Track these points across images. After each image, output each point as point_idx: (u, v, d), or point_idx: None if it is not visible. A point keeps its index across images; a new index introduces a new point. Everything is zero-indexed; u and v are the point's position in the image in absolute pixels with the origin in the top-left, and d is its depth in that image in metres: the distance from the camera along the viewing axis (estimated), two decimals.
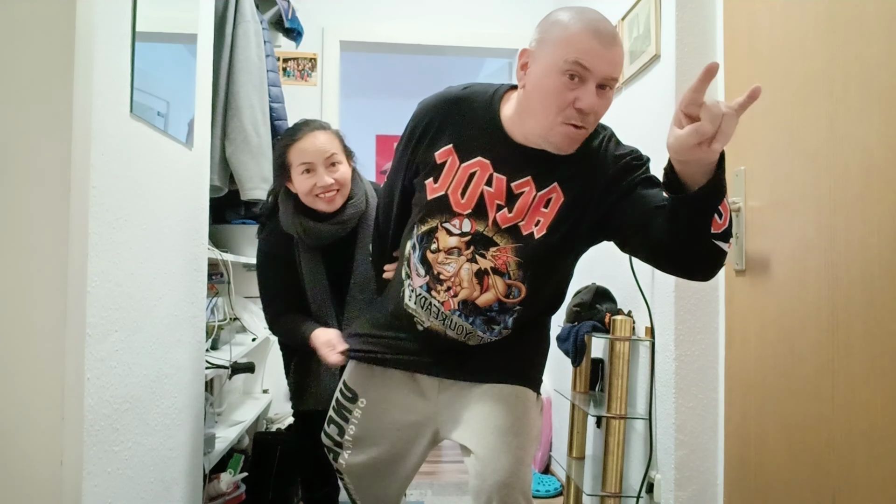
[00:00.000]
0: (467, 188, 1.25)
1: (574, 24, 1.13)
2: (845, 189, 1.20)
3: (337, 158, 1.68)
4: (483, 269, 1.25)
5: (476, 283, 1.26)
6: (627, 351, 1.88)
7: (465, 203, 1.25)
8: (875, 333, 1.12)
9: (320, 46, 3.13)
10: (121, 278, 1.25)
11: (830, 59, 1.25)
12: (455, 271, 1.27)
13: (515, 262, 1.24)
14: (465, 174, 1.25)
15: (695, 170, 1.05)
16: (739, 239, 1.54)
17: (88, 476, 1.13)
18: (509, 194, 1.23)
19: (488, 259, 1.25)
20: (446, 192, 1.26)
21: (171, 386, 1.54)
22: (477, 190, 1.24)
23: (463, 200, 1.25)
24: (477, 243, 1.25)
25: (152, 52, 1.39)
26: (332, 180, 1.65)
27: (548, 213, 1.22)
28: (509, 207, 1.23)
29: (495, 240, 1.24)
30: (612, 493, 1.83)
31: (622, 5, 2.15)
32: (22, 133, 1.03)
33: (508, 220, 1.23)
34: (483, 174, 1.24)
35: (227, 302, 2.41)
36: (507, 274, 1.25)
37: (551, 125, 1.15)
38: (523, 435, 1.28)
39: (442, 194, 1.27)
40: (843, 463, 1.19)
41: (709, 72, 0.94)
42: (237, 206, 2.37)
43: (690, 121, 0.98)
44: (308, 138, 1.67)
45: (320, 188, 1.65)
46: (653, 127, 1.90)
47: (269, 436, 2.50)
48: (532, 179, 1.22)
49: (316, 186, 1.64)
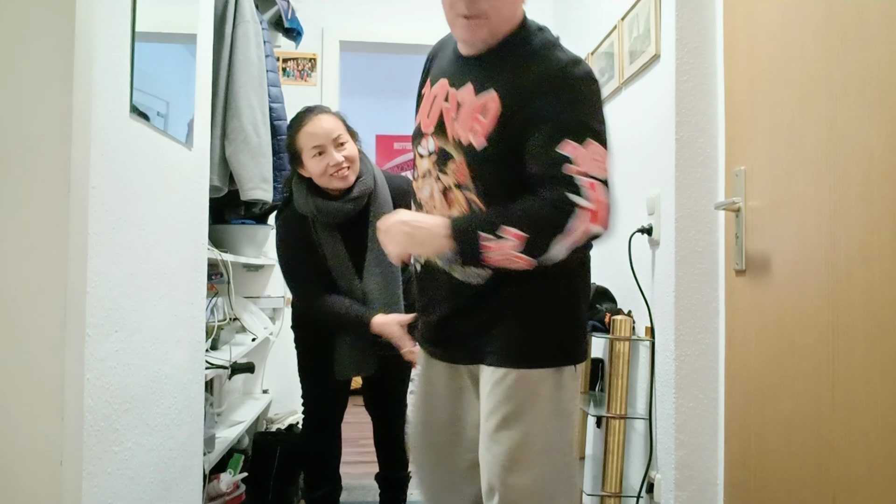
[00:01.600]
0: (431, 108, 1.30)
1: None
2: (845, 189, 1.20)
3: (344, 138, 1.78)
4: (447, 186, 1.24)
5: (444, 201, 1.25)
6: (627, 351, 1.88)
7: (429, 121, 1.29)
8: (875, 333, 1.12)
9: (320, 46, 3.13)
10: (121, 278, 1.25)
11: (830, 59, 1.25)
12: (429, 194, 1.28)
13: (469, 176, 1.21)
14: (430, 97, 1.31)
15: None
16: (739, 239, 1.54)
17: (88, 476, 1.13)
18: (458, 106, 1.24)
19: (449, 175, 1.24)
20: (419, 118, 1.33)
21: (170, 386, 1.54)
22: (438, 107, 1.27)
23: (427, 119, 1.30)
24: (440, 160, 1.26)
25: (152, 52, 1.39)
26: (343, 158, 1.75)
27: (485, 122, 1.19)
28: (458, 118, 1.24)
29: (451, 153, 1.23)
30: (612, 493, 1.83)
31: (622, 5, 2.15)
32: (22, 133, 1.03)
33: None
34: (442, 92, 1.28)
35: (227, 302, 2.41)
36: (467, 187, 1.22)
37: (452, 23, 1.22)
38: (518, 427, 1.18)
39: (417, 123, 1.33)
40: (843, 463, 1.19)
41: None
42: (237, 206, 2.36)
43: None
44: (314, 122, 1.77)
45: (333, 167, 1.74)
46: (652, 127, 1.90)
47: (269, 436, 2.50)
48: (472, 86, 1.22)
49: (329, 166, 1.74)
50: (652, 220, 1.87)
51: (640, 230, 1.89)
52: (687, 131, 1.75)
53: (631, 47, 2.06)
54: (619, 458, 1.85)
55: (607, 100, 2.29)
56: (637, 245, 1.96)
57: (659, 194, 1.84)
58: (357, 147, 1.83)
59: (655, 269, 1.86)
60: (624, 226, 2.10)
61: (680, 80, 1.75)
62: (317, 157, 1.74)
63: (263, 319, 2.76)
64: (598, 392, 2.15)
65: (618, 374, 1.86)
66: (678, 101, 1.75)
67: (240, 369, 2.24)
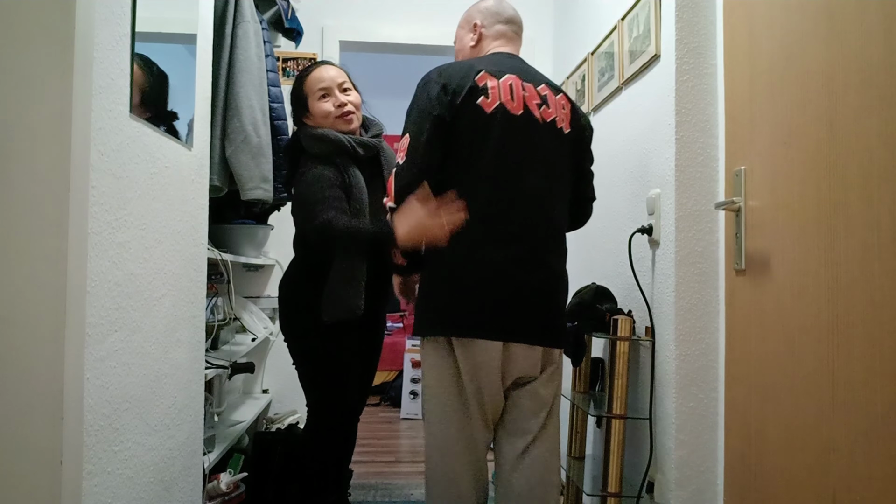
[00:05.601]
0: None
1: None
2: (845, 189, 1.20)
3: (348, 85, 1.88)
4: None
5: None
6: (627, 351, 1.88)
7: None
8: (875, 333, 1.12)
9: (320, 46, 3.13)
10: (121, 278, 1.25)
11: (830, 59, 1.24)
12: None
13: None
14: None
15: None
16: (739, 239, 1.54)
17: (88, 476, 1.13)
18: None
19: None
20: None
21: (170, 386, 1.54)
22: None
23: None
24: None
25: (152, 52, 1.39)
26: (349, 100, 1.84)
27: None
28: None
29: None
30: (612, 493, 1.83)
31: (622, 5, 2.15)
32: (22, 133, 1.03)
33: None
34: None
35: (227, 302, 2.41)
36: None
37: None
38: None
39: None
40: (843, 463, 1.19)
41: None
42: (237, 206, 2.36)
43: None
44: (321, 69, 1.87)
45: (338, 108, 1.82)
46: (652, 127, 1.90)
47: (269, 436, 2.50)
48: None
49: (335, 107, 1.81)
50: (652, 220, 1.87)
51: (640, 230, 1.89)
52: (687, 131, 1.75)
53: (631, 47, 2.06)
54: (619, 458, 1.85)
55: (607, 100, 2.29)
56: (637, 245, 1.96)
57: (659, 194, 1.84)
58: (360, 97, 1.92)
59: (655, 269, 1.86)
60: (624, 226, 2.10)
61: (680, 80, 1.75)
62: (322, 100, 1.81)
63: (263, 319, 2.76)
64: (598, 392, 2.15)
65: (618, 374, 1.86)
66: (678, 101, 1.75)
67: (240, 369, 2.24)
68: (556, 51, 3.16)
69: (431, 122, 1.49)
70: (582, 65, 2.60)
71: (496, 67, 1.58)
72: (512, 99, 1.54)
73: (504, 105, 1.53)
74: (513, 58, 1.68)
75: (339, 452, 1.99)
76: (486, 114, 1.51)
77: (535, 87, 1.59)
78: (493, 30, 1.72)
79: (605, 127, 2.32)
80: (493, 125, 1.51)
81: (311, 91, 1.83)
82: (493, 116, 1.52)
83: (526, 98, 1.56)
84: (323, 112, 1.81)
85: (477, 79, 1.53)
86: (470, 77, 1.52)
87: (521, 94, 1.55)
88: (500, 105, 1.52)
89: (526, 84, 1.58)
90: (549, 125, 1.58)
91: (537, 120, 1.56)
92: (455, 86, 1.51)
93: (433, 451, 1.56)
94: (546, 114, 1.58)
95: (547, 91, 1.61)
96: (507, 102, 1.53)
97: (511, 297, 1.50)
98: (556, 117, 1.60)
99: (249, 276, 2.99)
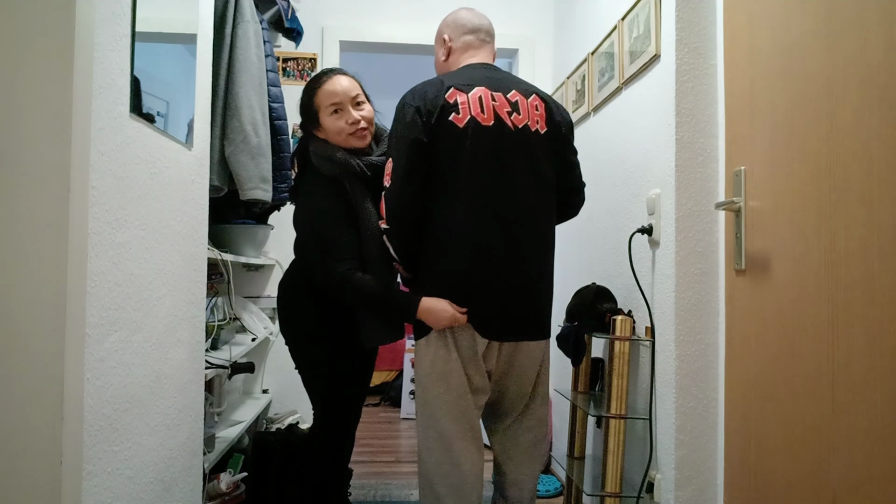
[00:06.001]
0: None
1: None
2: (845, 189, 1.20)
3: (361, 98, 1.77)
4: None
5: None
6: (627, 351, 1.88)
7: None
8: (875, 333, 1.12)
9: (320, 46, 3.13)
10: (121, 278, 1.25)
11: (830, 59, 1.24)
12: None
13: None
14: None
15: None
16: (739, 239, 1.54)
17: (88, 476, 1.13)
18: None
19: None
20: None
21: (170, 386, 1.54)
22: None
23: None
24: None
25: (152, 52, 1.39)
26: (361, 116, 1.74)
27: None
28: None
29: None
30: (612, 492, 1.83)
31: (622, 5, 2.15)
32: (22, 133, 1.03)
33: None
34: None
35: (227, 302, 2.41)
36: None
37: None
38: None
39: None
40: (843, 463, 1.19)
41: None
42: (237, 206, 2.36)
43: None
44: (333, 80, 1.75)
45: (351, 125, 1.72)
46: (653, 127, 1.90)
47: (269, 436, 2.50)
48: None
49: (347, 124, 1.72)
50: (652, 220, 1.87)
51: (640, 230, 1.89)
52: (687, 131, 1.75)
53: (631, 47, 2.06)
54: (619, 458, 1.85)
55: (608, 100, 2.29)
56: (637, 245, 1.96)
57: (659, 194, 1.84)
58: (373, 110, 1.82)
59: (655, 269, 1.86)
60: (624, 226, 2.10)
61: (680, 80, 1.75)
62: (334, 115, 1.72)
63: (263, 319, 2.76)
64: (598, 392, 2.15)
65: (618, 374, 1.86)
66: (678, 101, 1.75)
67: (240, 369, 2.24)
68: (557, 51, 3.16)
69: (409, 147, 1.58)
70: (582, 65, 2.60)
71: (465, 81, 1.64)
72: (482, 111, 1.61)
73: (475, 118, 1.60)
74: (484, 67, 1.74)
75: (340, 454, 1.99)
76: (459, 129, 1.59)
77: (504, 96, 1.65)
78: (461, 42, 1.79)
79: (606, 127, 2.32)
80: (465, 139, 1.59)
81: (322, 105, 1.74)
82: (465, 131, 1.59)
83: (496, 108, 1.62)
84: (335, 129, 1.73)
85: (447, 96, 1.60)
86: (441, 96, 1.60)
87: (490, 105, 1.62)
88: (472, 119, 1.60)
89: (496, 94, 1.64)
90: (521, 131, 1.64)
91: (509, 127, 1.63)
92: (429, 106, 1.59)
93: (430, 433, 1.66)
94: (517, 120, 1.65)
95: (518, 97, 1.67)
96: (478, 115, 1.60)
97: (499, 303, 1.63)
98: (528, 122, 1.66)
99: (249, 276, 2.99)
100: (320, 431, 1.93)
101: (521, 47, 3.23)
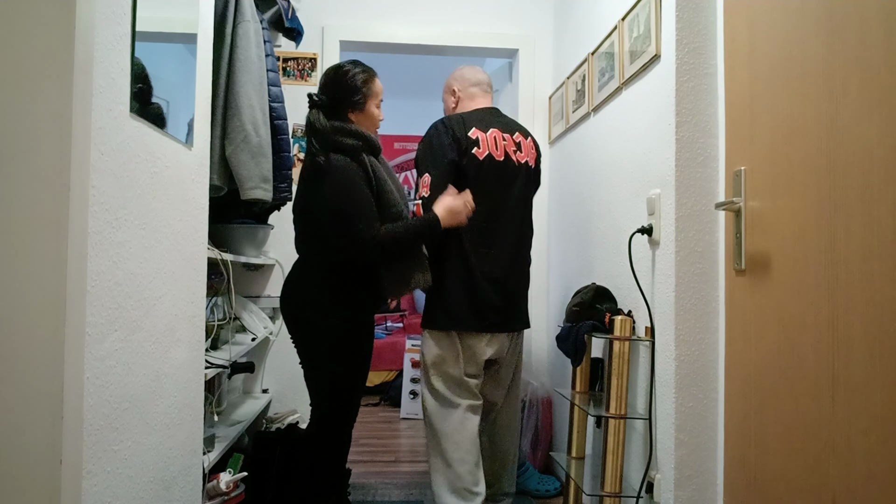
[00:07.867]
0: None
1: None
2: (845, 189, 1.20)
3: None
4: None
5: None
6: (627, 351, 1.88)
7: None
8: (875, 333, 1.12)
9: (320, 46, 3.13)
10: (121, 278, 1.25)
11: (830, 59, 1.24)
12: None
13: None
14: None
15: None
16: (739, 239, 1.54)
17: (88, 475, 1.13)
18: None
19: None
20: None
21: (170, 385, 1.54)
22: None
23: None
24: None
25: (152, 52, 1.39)
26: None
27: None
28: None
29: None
30: (612, 492, 1.83)
31: (622, 5, 2.15)
32: (22, 133, 1.03)
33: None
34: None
35: (227, 302, 2.41)
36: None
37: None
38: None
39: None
40: (843, 463, 1.19)
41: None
42: (237, 206, 2.36)
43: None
44: (378, 79, 2.04)
45: (380, 120, 2.04)
46: (653, 127, 1.90)
47: (269, 435, 2.50)
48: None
49: (381, 118, 2.04)
50: (652, 220, 1.87)
51: (640, 230, 1.89)
52: (687, 131, 1.75)
53: (631, 47, 2.06)
54: (619, 458, 1.85)
55: (608, 100, 2.29)
56: (637, 245, 1.96)
57: (659, 194, 1.84)
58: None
59: (655, 269, 1.86)
60: (624, 226, 2.10)
61: (680, 80, 1.75)
62: (377, 109, 2.02)
63: (263, 319, 2.77)
64: (598, 392, 2.15)
65: (618, 374, 1.86)
66: (678, 102, 1.75)
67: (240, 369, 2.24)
68: (557, 51, 3.16)
69: (446, 168, 2.05)
70: (582, 65, 2.60)
71: (482, 123, 2.15)
72: (496, 148, 2.14)
73: (491, 154, 2.13)
74: (492, 112, 2.25)
75: (340, 453, 1.99)
76: (479, 160, 2.11)
77: (511, 137, 2.20)
78: (468, 91, 2.30)
79: (606, 127, 2.32)
80: (482, 168, 2.10)
81: (375, 94, 1.99)
82: (483, 162, 2.11)
83: (506, 146, 2.17)
84: (376, 117, 2.00)
85: (470, 133, 2.11)
86: (467, 129, 2.11)
87: (502, 144, 2.17)
88: (489, 154, 2.13)
89: (506, 135, 2.19)
90: (522, 166, 2.21)
91: (514, 163, 2.19)
92: (460, 135, 2.09)
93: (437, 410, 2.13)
94: (519, 157, 2.21)
95: (521, 138, 2.23)
96: (493, 151, 2.14)
97: (496, 300, 2.13)
98: (527, 159, 2.23)
99: (249, 275, 2.99)
100: (319, 431, 1.93)
101: (521, 47, 3.23)
